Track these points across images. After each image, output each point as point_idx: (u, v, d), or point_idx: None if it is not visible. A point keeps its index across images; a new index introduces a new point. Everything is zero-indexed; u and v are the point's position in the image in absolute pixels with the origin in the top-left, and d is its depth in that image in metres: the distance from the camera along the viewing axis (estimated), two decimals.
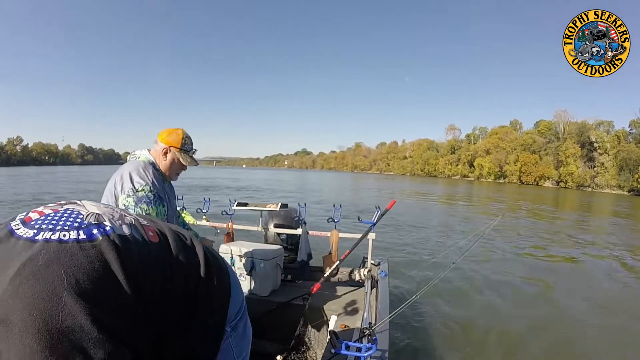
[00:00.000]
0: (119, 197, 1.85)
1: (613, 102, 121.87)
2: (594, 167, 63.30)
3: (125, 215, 0.55)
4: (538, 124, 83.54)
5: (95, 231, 0.47)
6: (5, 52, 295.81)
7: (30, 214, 0.50)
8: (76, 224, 0.47)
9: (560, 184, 66.52)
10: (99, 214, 0.52)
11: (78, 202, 0.56)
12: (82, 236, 0.46)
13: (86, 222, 0.48)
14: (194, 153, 2.18)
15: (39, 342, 0.40)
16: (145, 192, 1.86)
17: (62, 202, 0.55)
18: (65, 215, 0.49)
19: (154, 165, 2.03)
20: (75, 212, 0.51)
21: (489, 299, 5.40)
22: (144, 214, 1.82)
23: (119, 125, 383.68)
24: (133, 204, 1.81)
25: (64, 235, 0.45)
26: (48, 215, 0.49)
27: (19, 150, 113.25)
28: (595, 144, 63.98)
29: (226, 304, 0.61)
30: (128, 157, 2.11)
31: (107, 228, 0.49)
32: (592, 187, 60.98)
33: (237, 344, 0.65)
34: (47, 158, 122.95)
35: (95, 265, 0.43)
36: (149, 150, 2.08)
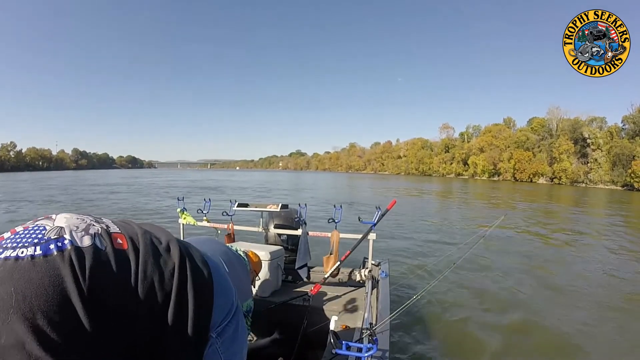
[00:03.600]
0: None
1: (606, 98, 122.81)
2: (588, 163, 63.66)
3: (92, 225, 0.54)
4: (531, 121, 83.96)
5: (52, 246, 0.47)
6: None
7: (5, 234, 0.51)
8: (36, 240, 0.48)
9: (554, 180, 66.86)
10: (62, 228, 0.51)
11: (52, 216, 0.56)
12: (38, 252, 0.46)
13: (46, 237, 0.49)
14: None
15: None
16: None
17: (39, 217, 0.55)
18: (31, 232, 0.50)
19: None
20: (41, 228, 0.51)
21: (491, 299, 5.41)
22: None
23: (113, 129, 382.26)
24: None
25: (22, 252, 0.46)
26: (17, 233, 0.50)
27: (13, 156, 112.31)
28: (589, 140, 64.35)
29: (208, 309, 0.59)
30: None
31: (66, 242, 0.48)
32: (586, 183, 61.35)
33: (227, 349, 0.63)
34: (41, 163, 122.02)
35: (46, 282, 0.43)
36: None
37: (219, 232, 4.09)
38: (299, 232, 3.86)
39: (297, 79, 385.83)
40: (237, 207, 3.99)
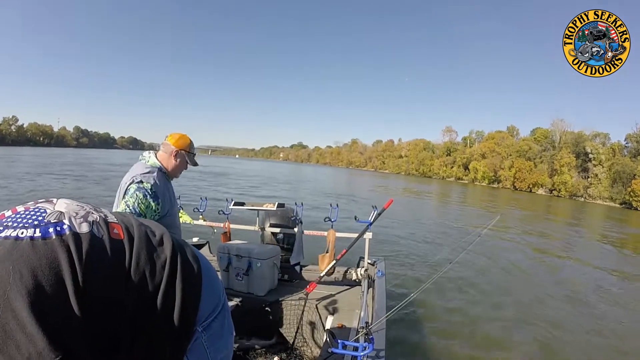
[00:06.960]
0: (126, 187, 2.18)
1: (610, 115, 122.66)
2: (588, 177, 63.68)
3: (91, 213, 0.55)
4: (535, 131, 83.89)
5: (50, 230, 0.49)
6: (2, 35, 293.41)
7: (6, 212, 0.52)
8: (36, 222, 0.49)
9: (553, 192, 66.89)
10: (61, 212, 0.52)
11: (53, 200, 0.56)
12: (37, 234, 0.47)
13: (46, 220, 0.50)
14: (195, 156, 2.64)
15: None
16: (145, 186, 2.19)
17: (40, 200, 0.56)
18: (32, 213, 0.51)
19: (160, 168, 2.37)
20: (42, 210, 0.52)
21: (486, 298, 5.45)
22: (137, 202, 2.14)
23: (115, 109, 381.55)
24: (133, 190, 2.14)
25: (22, 233, 0.47)
26: (19, 213, 0.51)
27: (14, 130, 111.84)
28: (590, 155, 64.35)
29: (195, 302, 0.58)
30: (139, 158, 2.45)
31: (65, 227, 0.50)
32: (585, 198, 61.38)
33: (212, 345, 0.60)
34: (41, 139, 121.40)
35: (43, 263, 0.45)
36: (156, 155, 2.42)
37: (215, 230, 4.08)
38: (295, 231, 3.87)
39: (302, 70, 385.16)
40: (233, 205, 3.97)
